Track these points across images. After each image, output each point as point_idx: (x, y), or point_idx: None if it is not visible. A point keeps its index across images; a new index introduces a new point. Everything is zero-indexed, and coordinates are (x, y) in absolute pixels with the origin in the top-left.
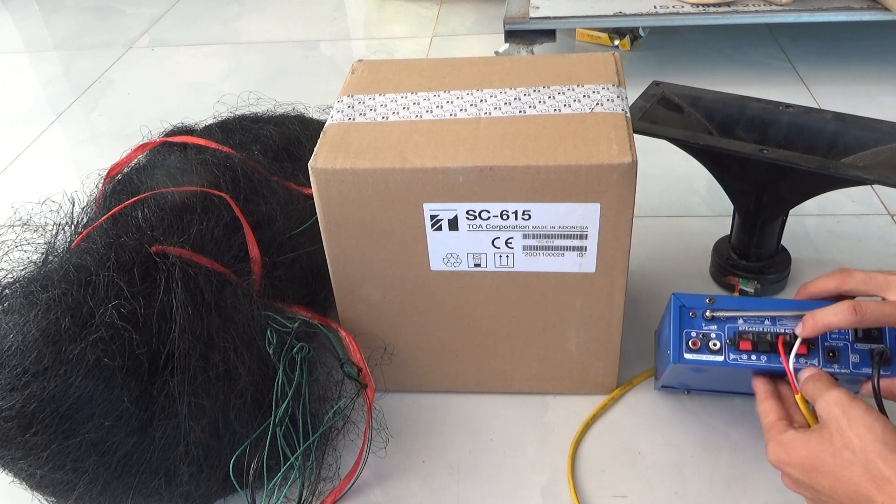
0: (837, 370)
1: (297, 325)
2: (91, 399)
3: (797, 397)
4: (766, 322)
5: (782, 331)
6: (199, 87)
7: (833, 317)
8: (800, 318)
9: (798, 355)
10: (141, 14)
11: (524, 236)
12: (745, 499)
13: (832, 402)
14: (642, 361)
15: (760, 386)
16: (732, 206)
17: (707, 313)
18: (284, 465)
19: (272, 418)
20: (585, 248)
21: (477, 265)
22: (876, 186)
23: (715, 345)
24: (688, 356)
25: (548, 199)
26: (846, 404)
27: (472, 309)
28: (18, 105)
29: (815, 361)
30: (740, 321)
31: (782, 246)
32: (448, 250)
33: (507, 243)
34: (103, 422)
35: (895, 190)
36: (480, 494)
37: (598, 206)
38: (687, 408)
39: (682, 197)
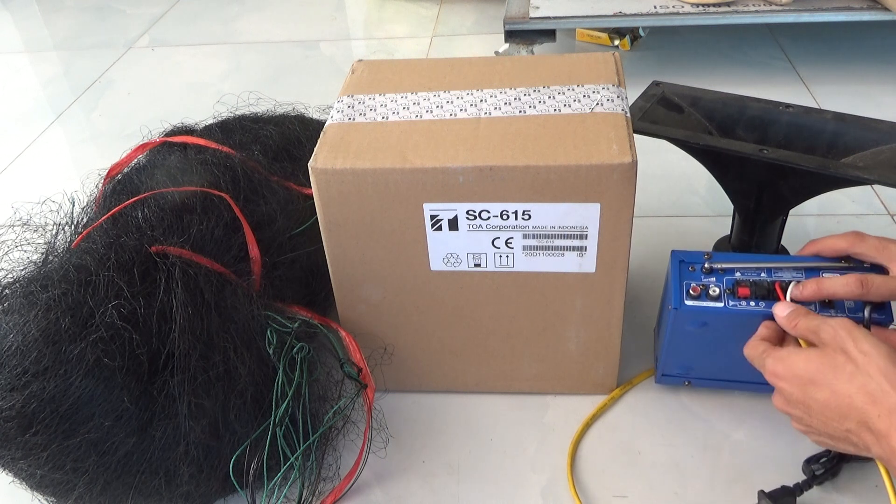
0: (834, 314)
1: (297, 325)
2: (91, 399)
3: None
4: (763, 274)
5: (779, 278)
6: (199, 87)
7: (840, 288)
8: (795, 270)
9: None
10: (141, 14)
11: (524, 236)
12: (746, 499)
13: (838, 326)
14: (642, 361)
15: (760, 329)
16: (732, 206)
17: (706, 266)
18: (284, 465)
19: (272, 418)
20: (585, 248)
21: (477, 265)
22: (876, 186)
23: (714, 291)
24: (689, 303)
25: (548, 199)
26: (851, 327)
27: (472, 309)
28: (18, 105)
29: (813, 307)
30: (738, 273)
31: (782, 246)
32: (448, 250)
33: (507, 243)
34: (103, 422)
35: (895, 190)
36: (480, 494)
37: (598, 206)
38: (687, 408)
39: (682, 197)
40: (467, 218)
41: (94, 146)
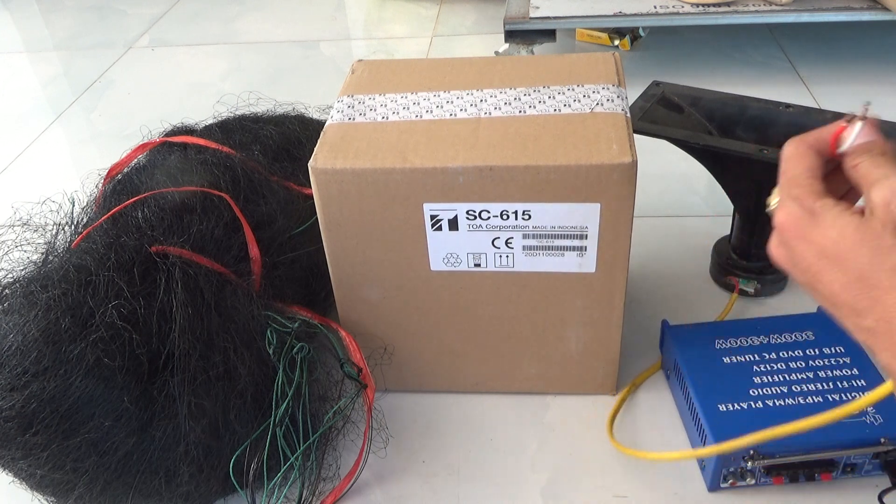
0: (852, 477)
1: (297, 325)
2: (91, 399)
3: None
4: (802, 455)
5: (816, 459)
6: (199, 87)
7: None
8: (837, 456)
9: None
10: (141, 14)
11: (524, 236)
12: (746, 499)
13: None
14: (643, 361)
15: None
16: (732, 206)
17: (748, 462)
18: (284, 465)
19: (272, 418)
20: (585, 248)
21: (477, 265)
22: None
23: (750, 480)
24: (724, 486)
25: (548, 199)
26: None
27: (472, 309)
28: (18, 105)
29: (834, 474)
30: (778, 458)
31: None
32: (448, 250)
33: (507, 243)
34: (103, 422)
35: None
36: (480, 494)
37: (598, 206)
38: None
39: (682, 197)
40: (467, 218)
41: (94, 146)
